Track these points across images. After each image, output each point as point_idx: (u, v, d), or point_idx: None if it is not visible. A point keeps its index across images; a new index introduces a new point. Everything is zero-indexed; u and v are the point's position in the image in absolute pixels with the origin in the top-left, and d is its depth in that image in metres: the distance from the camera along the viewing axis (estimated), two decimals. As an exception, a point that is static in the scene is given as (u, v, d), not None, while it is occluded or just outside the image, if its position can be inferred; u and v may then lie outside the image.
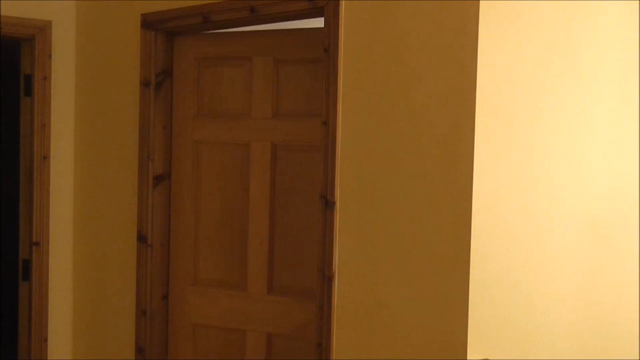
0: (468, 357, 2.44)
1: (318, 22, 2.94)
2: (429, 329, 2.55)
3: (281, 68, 3.31)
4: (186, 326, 3.57)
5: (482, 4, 2.41)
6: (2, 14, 3.62)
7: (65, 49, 3.85)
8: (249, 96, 3.39)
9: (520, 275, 2.64)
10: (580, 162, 2.83)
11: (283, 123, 3.30)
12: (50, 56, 3.80)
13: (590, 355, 2.88)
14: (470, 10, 2.42)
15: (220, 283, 3.48)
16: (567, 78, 2.75)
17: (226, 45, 3.44)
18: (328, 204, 2.83)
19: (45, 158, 3.83)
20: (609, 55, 2.88)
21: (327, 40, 2.82)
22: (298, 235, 3.28)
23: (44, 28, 3.77)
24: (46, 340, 3.88)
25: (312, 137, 3.13)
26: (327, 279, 2.83)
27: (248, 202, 3.39)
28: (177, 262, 3.57)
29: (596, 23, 2.83)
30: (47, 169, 3.84)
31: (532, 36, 2.61)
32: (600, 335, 2.94)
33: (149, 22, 3.47)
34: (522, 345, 2.65)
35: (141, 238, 3.56)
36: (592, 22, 2.81)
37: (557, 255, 2.76)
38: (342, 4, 2.76)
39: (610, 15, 2.87)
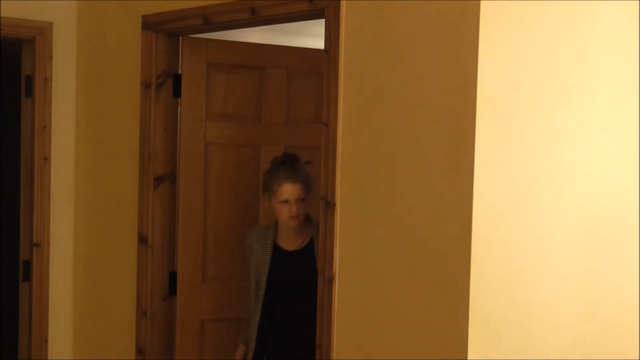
0: (468, 357, 2.44)
1: (319, 23, 2.94)
2: (429, 329, 2.55)
3: (293, 79, 3.71)
4: (195, 323, 3.63)
5: (482, 3, 2.41)
6: (3, 15, 3.62)
7: (66, 50, 3.86)
8: (260, 103, 3.68)
9: (520, 275, 2.64)
10: (580, 162, 2.83)
11: (294, 129, 3.72)
12: (51, 57, 3.80)
13: (590, 355, 2.88)
14: (471, 10, 2.42)
15: (231, 277, 3.65)
16: (568, 78, 2.75)
17: (240, 53, 3.66)
18: (328, 205, 2.83)
19: (46, 159, 3.83)
20: (609, 55, 2.88)
21: (327, 41, 2.82)
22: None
23: (45, 29, 3.78)
24: (46, 341, 3.88)
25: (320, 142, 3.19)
26: (327, 281, 2.83)
27: (259, 199, 3.62)
28: (185, 261, 3.60)
29: (597, 23, 2.83)
30: (48, 170, 3.84)
31: (533, 36, 2.61)
32: (600, 335, 2.94)
33: (150, 24, 3.48)
34: (522, 345, 2.65)
35: (141, 239, 3.56)
36: (592, 22, 2.81)
37: (557, 256, 2.76)
38: (343, 5, 2.76)
39: (610, 15, 2.88)
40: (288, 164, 3.31)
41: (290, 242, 3.38)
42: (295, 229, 3.33)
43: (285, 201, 3.25)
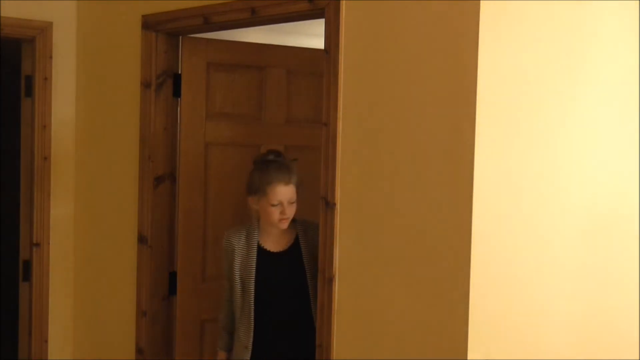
0: (468, 357, 2.44)
1: (319, 23, 2.94)
2: (429, 329, 2.55)
3: (293, 79, 3.72)
4: (195, 323, 3.62)
5: (482, 3, 2.41)
6: (3, 14, 3.62)
7: (66, 50, 3.86)
8: (260, 102, 3.68)
9: (520, 275, 2.64)
10: (581, 162, 2.83)
11: (294, 129, 3.73)
12: (51, 57, 3.80)
13: (590, 356, 2.88)
14: (471, 10, 2.42)
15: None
16: (568, 78, 2.75)
17: (240, 53, 3.66)
18: (328, 205, 2.83)
19: (46, 159, 3.83)
20: (609, 55, 2.89)
21: (327, 41, 2.82)
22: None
23: (45, 29, 3.78)
24: (46, 341, 3.89)
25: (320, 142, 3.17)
26: (327, 280, 2.83)
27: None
28: (185, 261, 3.60)
29: (597, 23, 2.83)
30: (48, 170, 3.84)
31: (533, 36, 2.61)
32: (600, 335, 2.94)
33: (150, 23, 3.48)
34: (522, 345, 2.65)
35: (141, 239, 3.56)
36: (593, 22, 2.81)
37: (557, 256, 2.77)
38: (343, 5, 2.76)
39: (611, 15, 2.88)
40: (276, 163, 3.16)
41: (275, 244, 3.25)
42: (281, 230, 3.22)
43: (277, 203, 3.12)
